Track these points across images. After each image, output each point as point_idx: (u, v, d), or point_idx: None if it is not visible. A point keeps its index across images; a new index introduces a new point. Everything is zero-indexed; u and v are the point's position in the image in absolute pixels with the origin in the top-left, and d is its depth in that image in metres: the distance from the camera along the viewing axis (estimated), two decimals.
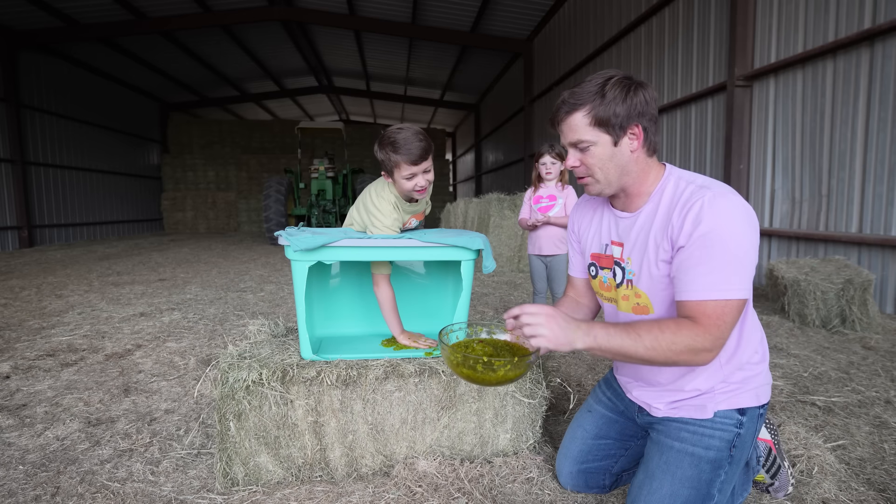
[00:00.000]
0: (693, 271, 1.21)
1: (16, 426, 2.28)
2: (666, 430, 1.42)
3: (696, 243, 1.21)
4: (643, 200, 1.38)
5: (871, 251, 4.37)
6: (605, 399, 1.68)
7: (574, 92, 1.32)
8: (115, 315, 4.42)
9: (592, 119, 1.30)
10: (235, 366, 1.75)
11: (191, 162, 17.69)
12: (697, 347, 1.20)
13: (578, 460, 1.62)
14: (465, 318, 1.83)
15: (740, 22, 5.61)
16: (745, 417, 1.36)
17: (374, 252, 1.75)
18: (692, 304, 1.22)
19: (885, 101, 4.19)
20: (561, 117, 1.35)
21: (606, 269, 1.48)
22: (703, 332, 1.19)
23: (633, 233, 1.38)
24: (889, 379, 2.73)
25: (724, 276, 1.19)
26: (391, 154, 1.74)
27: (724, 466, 1.33)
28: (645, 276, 1.35)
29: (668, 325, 1.22)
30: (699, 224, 1.21)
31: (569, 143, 1.36)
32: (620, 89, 1.28)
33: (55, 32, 11.33)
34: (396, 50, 15.29)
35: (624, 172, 1.35)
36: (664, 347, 1.19)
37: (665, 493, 1.32)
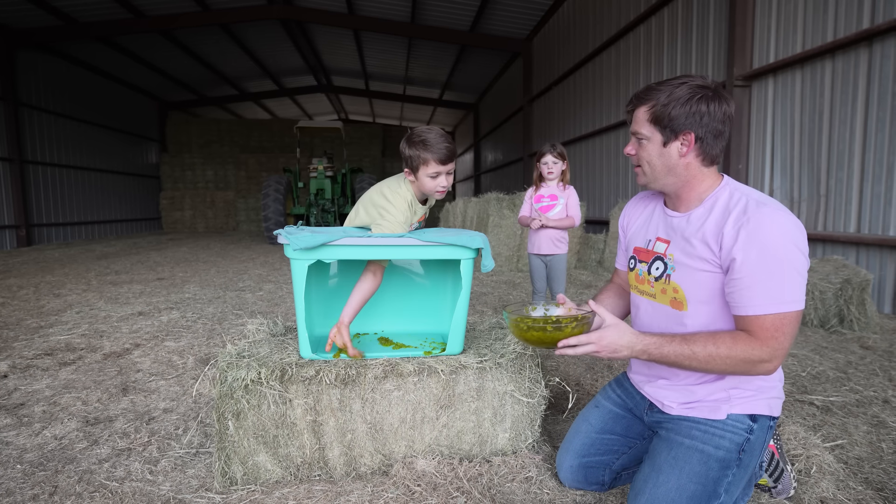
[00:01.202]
0: (751, 287, 1.24)
1: (14, 425, 2.27)
2: (676, 429, 1.43)
3: (753, 259, 1.23)
4: (695, 204, 1.41)
5: (869, 251, 4.38)
6: (615, 396, 1.69)
7: (650, 87, 1.38)
8: (114, 314, 4.42)
9: (651, 115, 1.36)
10: (234, 365, 1.75)
11: (189, 161, 17.66)
12: (754, 359, 1.24)
13: (580, 454, 1.62)
14: (465, 317, 1.82)
15: (739, 22, 5.62)
16: (756, 424, 1.37)
17: (374, 251, 1.75)
18: (751, 319, 1.26)
19: (883, 101, 4.20)
20: (631, 107, 1.43)
21: (644, 263, 1.52)
22: (760, 344, 1.24)
23: (681, 231, 1.41)
24: (887, 378, 2.73)
25: (781, 291, 1.22)
26: (421, 152, 1.79)
27: (732, 468, 1.34)
28: (685, 272, 1.38)
29: (723, 339, 1.26)
30: (754, 239, 1.23)
31: (631, 131, 1.44)
32: (686, 94, 1.31)
33: (54, 31, 11.31)
34: (395, 49, 15.28)
35: (670, 173, 1.39)
36: (719, 361, 1.26)
37: (672, 486, 1.33)
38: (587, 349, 1.29)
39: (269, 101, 21.47)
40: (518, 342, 1.91)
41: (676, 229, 1.42)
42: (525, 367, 1.85)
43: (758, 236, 1.23)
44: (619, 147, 8.57)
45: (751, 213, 1.26)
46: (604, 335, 1.28)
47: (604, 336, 1.28)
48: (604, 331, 1.29)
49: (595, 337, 1.28)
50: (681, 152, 1.35)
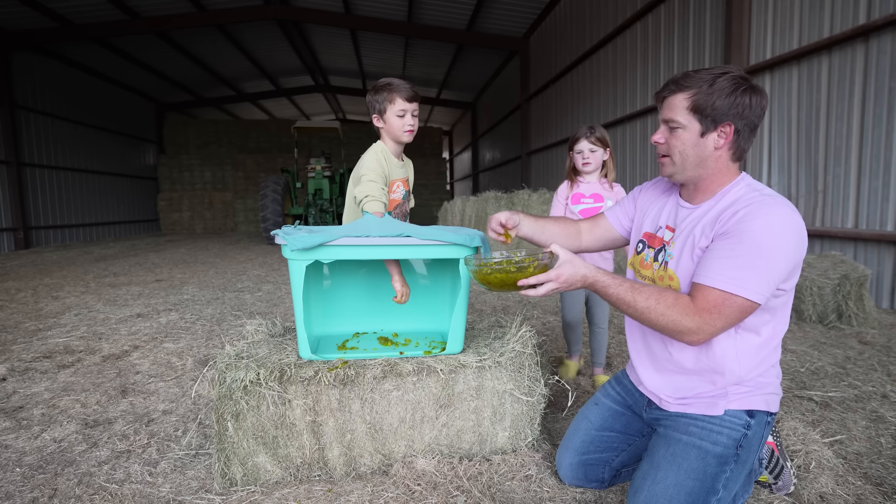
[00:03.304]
0: (715, 259, 1.26)
1: (13, 428, 2.27)
2: (674, 425, 1.44)
3: (731, 237, 1.25)
4: (707, 196, 1.40)
5: (866, 246, 4.39)
6: (614, 393, 1.69)
7: (689, 74, 1.34)
8: (112, 316, 4.41)
9: (692, 104, 1.32)
10: (233, 366, 1.75)
11: (187, 162, 17.61)
12: (683, 326, 1.27)
13: (580, 451, 1.63)
14: (464, 316, 1.82)
15: (736, 18, 5.62)
16: (753, 420, 1.37)
17: (372, 251, 1.74)
18: (699, 287, 1.28)
19: (880, 96, 4.20)
20: (666, 94, 1.37)
21: (652, 249, 1.53)
22: (695, 314, 1.25)
23: (687, 222, 1.42)
24: (885, 374, 2.74)
25: (740, 273, 1.21)
26: (388, 93, 1.92)
27: (729, 463, 1.34)
28: (680, 261, 1.40)
29: (666, 297, 1.29)
30: (743, 221, 1.24)
31: (663, 119, 1.39)
32: (730, 85, 1.29)
33: (49, 33, 11.27)
34: (392, 49, 15.26)
35: (700, 165, 1.37)
36: (653, 315, 1.29)
37: (670, 482, 1.34)
38: (548, 287, 1.30)
39: (266, 101, 21.43)
40: (518, 340, 1.91)
41: (684, 220, 1.43)
42: (524, 366, 1.85)
43: (746, 220, 1.24)
44: (618, 144, 8.56)
45: (753, 201, 1.27)
46: (561, 272, 1.30)
47: (561, 273, 1.30)
48: (560, 267, 1.30)
49: (553, 275, 1.29)
50: (717, 144, 1.33)
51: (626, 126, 8.29)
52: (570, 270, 1.30)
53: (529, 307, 4.52)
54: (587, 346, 3.20)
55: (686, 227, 1.41)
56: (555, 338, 3.56)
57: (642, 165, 7.90)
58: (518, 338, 1.94)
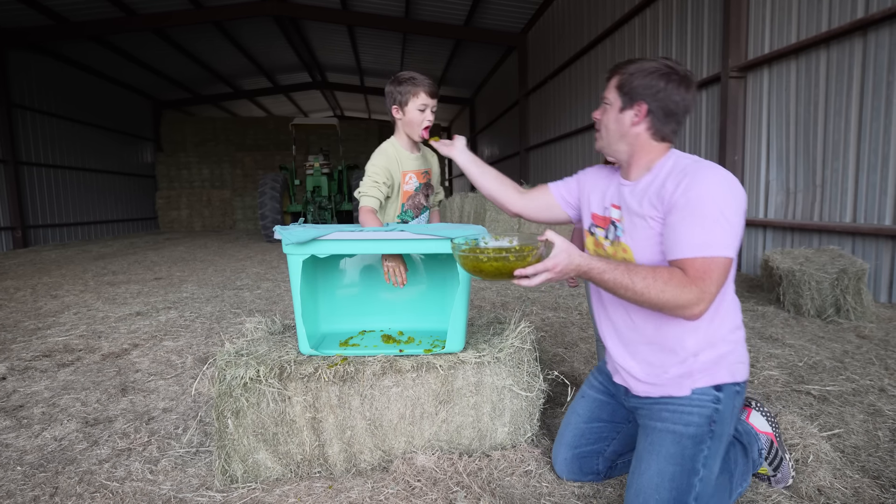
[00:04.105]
0: (681, 233, 1.31)
1: (13, 427, 2.27)
2: (649, 413, 1.47)
3: (684, 207, 1.31)
4: (643, 171, 1.47)
5: (864, 241, 4.40)
6: (597, 383, 1.72)
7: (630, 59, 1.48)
8: (112, 315, 4.41)
9: (618, 82, 1.46)
10: (233, 363, 1.75)
11: (185, 160, 17.57)
12: (683, 300, 1.28)
13: (572, 445, 1.67)
14: (464, 314, 1.81)
15: (734, 13, 5.61)
16: (721, 394, 1.40)
17: (366, 245, 1.75)
18: (681, 262, 1.31)
19: (878, 90, 4.20)
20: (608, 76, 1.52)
21: (602, 229, 1.58)
22: (690, 284, 1.28)
23: (631, 197, 1.47)
24: (883, 367, 2.75)
25: (709, 236, 1.28)
26: (412, 87, 1.95)
27: (705, 441, 1.38)
28: (632, 233, 1.45)
29: (661, 273, 1.30)
30: (689, 190, 1.31)
31: (601, 97, 1.54)
32: (651, 68, 1.40)
33: (46, 31, 11.22)
34: (390, 45, 15.21)
35: (621, 139, 1.47)
36: (654, 292, 1.28)
37: (653, 472, 1.37)
38: (542, 277, 1.28)
39: (263, 98, 21.37)
40: (517, 336, 1.91)
41: (626, 196, 1.49)
42: (523, 362, 1.86)
43: (692, 188, 1.31)
44: None
45: (689, 170, 1.35)
46: (557, 261, 1.28)
47: (557, 263, 1.28)
48: (556, 257, 1.28)
49: (550, 264, 1.27)
50: (633, 121, 1.43)
51: None
52: (566, 260, 1.28)
53: (528, 303, 4.52)
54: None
55: (631, 201, 1.46)
56: (554, 333, 3.57)
57: None
58: (517, 334, 1.94)
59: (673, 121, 1.43)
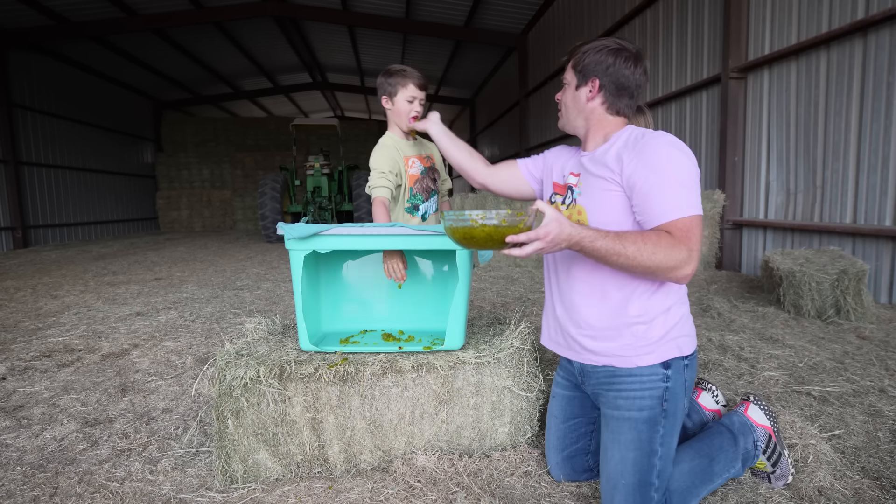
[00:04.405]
0: (656, 198, 1.36)
1: (13, 427, 2.27)
2: (606, 401, 1.52)
3: (651, 174, 1.37)
4: (600, 142, 1.56)
5: (865, 241, 4.39)
6: (561, 380, 1.74)
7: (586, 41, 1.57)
8: (112, 315, 4.41)
9: (573, 62, 1.56)
10: (233, 363, 1.75)
11: (185, 160, 17.59)
12: (675, 260, 1.31)
13: (559, 448, 1.69)
14: (464, 310, 1.81)
15: (734, 14, 5.61)
16: (670, 371, 1.45)
17: (366, 241, 1.75)
18: (665, 226, 1.36)
19: (878, 91, 4.20)
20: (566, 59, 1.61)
21: (559, 195, 1.65)
22: (679, 244, 1.32)
23: (589, 164, 1.54)
24: (883, 368, 2.75)
25: (682, 197, 1.35)
26: (401, 78, 2.05)
27: (659, 422, 1.43)
28: (588, 194, 1.51)
29: (650, 236, 1.33)
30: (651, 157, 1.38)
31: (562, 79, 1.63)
32: (599, 46, 1.51)
33: (46, 31, 11.23)
34: (390, 45, 15.22)
35: (579, 115, 1.58)
36: (646, 255, 1.31)
37: (617, 459, 1.43)
38: (534, 247, 1.24)
39: (264, 98, 21.38)
40: (517, 337, 1.91)
41: (585, 164, 1.56)
42: (524, 362, 1.86)
43: (651, 157, 1.37)
44: None
45: (647, 136, 1.42)
46: (549, 230, 1.24)
47: (549, 231, 1.24)
48: (547, 225, 1.24)
49: (542, 233, 1.24)
50: (588, 96, 1.53)
51: None
52: (557, 229, 1.25)
53: (528, 303, 4.52)
54: None
55: (589, 166, 1.53)
56: None
57: None
58: (517, 334, 1.94)
59: (625, 95, 1.52)
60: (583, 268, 1.53)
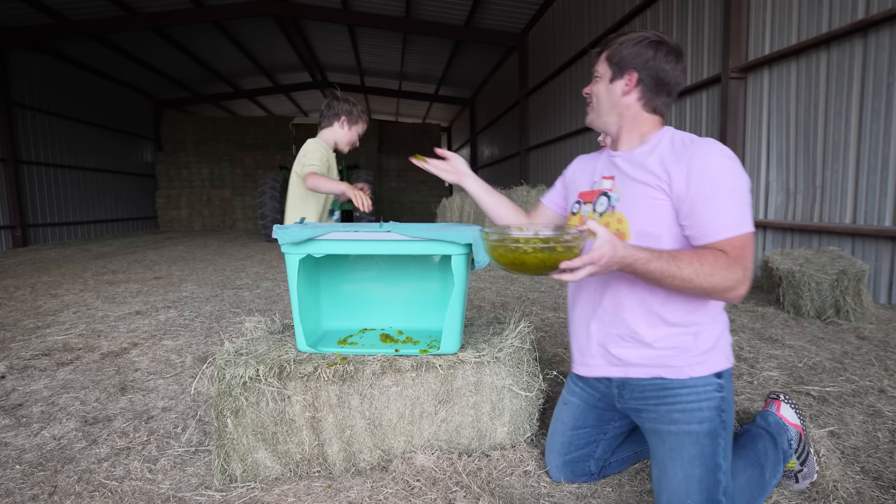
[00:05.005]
0: (710, 214, 1.29)
1: (12, 426, 2.27)
2: (657, 416, 1.43)
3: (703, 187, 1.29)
4: (637, 143, 1.47)
5: (864, 242, 4.40)
6: (578, 389, 1.68)
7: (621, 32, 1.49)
8: (111, 314, 4.41)
9: (607, 54, 1.48)
10: (232, 362, 1.75)
11: (185, 159, 17.56)
12: (731, 281, 1.26)
13: (562, 452, 1.66)
14: (460, 316, 1.80)
15: (734, 14, 5.61)
16: (722, 380, 1.40)
17: (360, 246, 1.75)
18: (719, 244, 1.29)
19: (878, 92, 4.20)
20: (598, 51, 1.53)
21: (588, 203, 1.55)
22: (734, 264, 1.25)
23: (626, 166, 1.44)
24: (882, 368, 2.75)
25: (737, 213, 1.28)
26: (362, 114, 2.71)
27: (720, 434, 1.36)
28: (629, 201, 1.41)
29: (706, 256, 1.26)
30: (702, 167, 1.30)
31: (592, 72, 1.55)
32: (637, 38, 1.42)
33: (46, 29, 11.22)
34: (390, 45, 15.21)
35: (612, 110, 1.49)
36: (702, 278, 1.25)
37: (680, 478, 1.34)
38: (587, 271, 1.18)
39: (264, 98, 21.36)
40: (517, 336, 1.91)
41: (620, 165, 1.47)
42: (523, 362, 1.86)
43: (705, 168, 1.29)
44: None
45: (696, 144, 1.34)
46: (602, 252, 1.18)
47: (603, 254, 1.18)
48: (601, 248, 1.18)
49: (596, 256, 1.18)
50: (623, 90, 1.45)
51: None
52: (611, 251, 1.18)
53: (528, 303, 4.52)
54: None
55: (626, 168, 1.44)
56: (553, 334, 3.56)
57: None
58: (517, 333, 1.94)
59: (664, 92, 1.43)
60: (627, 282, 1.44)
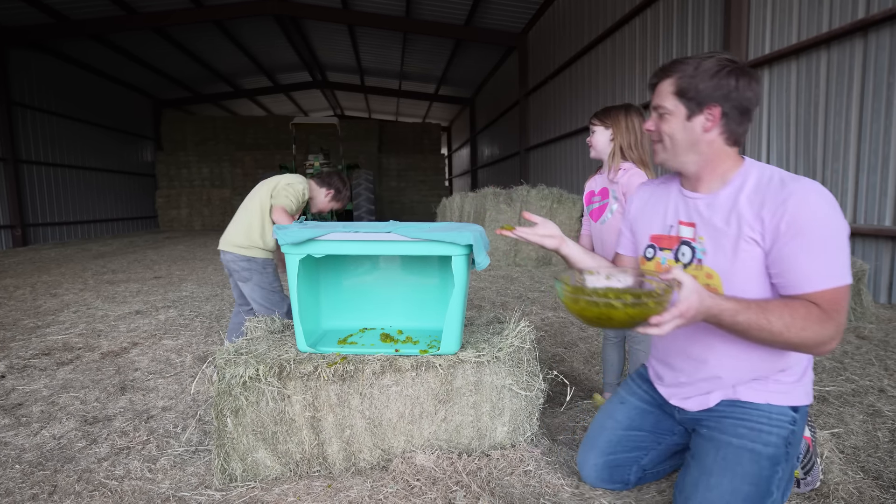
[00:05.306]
0: (805, 263, 1.20)
1: (12, 425, 2.27)
2: (720, 427, 1.38)
3: (800, 234, 1.19)
4: (718, 184, 1.35)
5: (864, 241, 4.39)
6: (640, 391, 1.62)
7: (676, 60, 1.33)
8: (111, 313, 4.41)
9: (676, 88, 1.31)
10: (232, 362, 1.75)
11: (185, 159, 17.56)
12: (823, 337, 1.19)
13: (605, 451, 1.58)
14: (460, 317, 1.80)
15: (734, 13, 5.61)
16: (797, 415, 1.35)
17: (359, 246, 1.74)
18: (811, 296, 1.21)
19: (878, 91, 4.20)
20: (655, 81, 1.37)
21: (667, 251, 1.44)
22: (828, 319, 1.18)
23: (710, 213, 1.34)
24: (882, 368, 2.75)
25: (834, 264, 1.19)
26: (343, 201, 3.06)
27: (781, 463, 1.31)
28: (720, 255, 1.31)
29: (798, 309, 1.19)
30: (799, 212, 1.19)
31: (652, 106, 1.38)
32: (714, 66, 1.27)
33: (46, 29, 11.21)
34: (390, 44, 15.21)
35: (692, 149, 1.34)
36: (793, 332, 1.18)
37: (725, 489, 1.29)
38: (674, 324, 1.13)
39: (264, 97, 21.35)
40: (517, 336, 1.91)
41: (702, 211, 1.35)
42: (523, 361, 1.86)
43: (801, 213, 1.19)
44: None
45: (790, 187, 1.21)
46: (690, 304, 1.13)
47: (690, 306, 1.13)
48: (688, 300, 1.13)
49: (684, 308, 1.12)
50: (705, 127, 1.30)
51: None
52: (698, 303, 1.13)
53: (528, 303, 4.52)
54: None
55: (712, 217, 1.33)
56: (553, 333, 3.56)
57: None
58: (517, 333, 1.94)
59: (746, 120, 1.31)
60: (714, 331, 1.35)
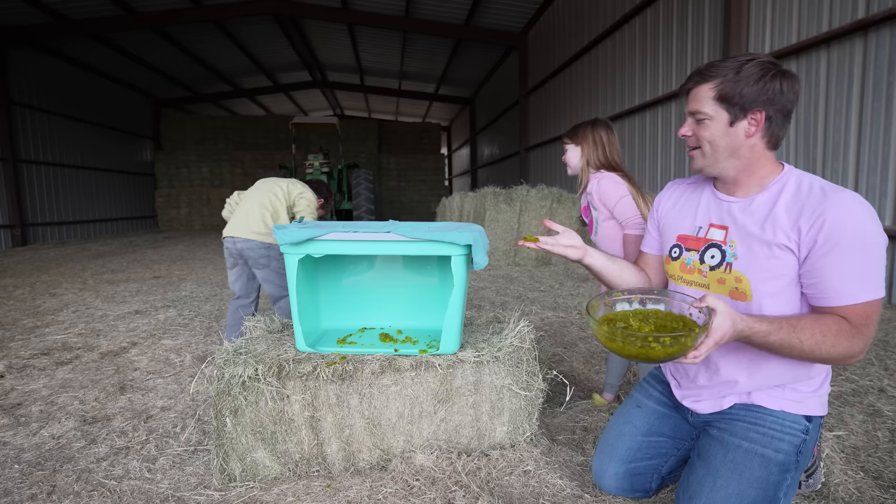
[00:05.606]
0: (838, 276, 1.18)
1: (11, 425, 2.27)
2: (731, 429, 1.37)
3: (838, 245, 1.17)
4: (755, 189, 1.32)
5: None
6: (657, 394, 1.59)
7: (713, 64, 1.29)
8: (110, 313, 4.40)
9: (717, 93, 1.27)
10: (231, 362, 1.75)
11: (184, 158, 17.55)
12: (852, 352, 1.19)
13: (626, 459, 1.53)
14: (459, 317, 1.80)
15: (734, 13, 5.61)
16: (811, 425, 1.35)
17: (359, 246, 1.74)
18: (842, 309, 1.20)
19: (878, 91, 4.20)
20: (691, 86, 1.33)
21: (694, 252, 1.41)
22: (858, 334, 1.18)
23: (744, 217, 1.31)
24: (882, 368, 2.75)
25: (869, 278, 1.17)
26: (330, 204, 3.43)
27: (790, 471, 1.30)
28: (751, 261, 1.29)
29: (828, 326, 1.18)
30: (837, 223, 1.17)
31: (689, 111, 1.34)
32: (758, 71, 1.23)
33: (45, 28, 11.20)
34: (390, 44, 15.20)
35: (732, 155, 1.30)
36: (824, 350, 1.18)
37: (731, 491, 1.28)
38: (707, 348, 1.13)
39: (263, 97, 21.35)
40: (516, 336, 1.91)
41: (736, 215, 1.33)
42: (522, 361, 1.86)
43: (844, 222, 1.16)
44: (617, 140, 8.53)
45: (831, 198, 1.19)
46: (723, 330, 1.12)
47: (724, 333, 1.12)
48: (722, 327, 1.12)
49: (718, 336, 1.12)
50: (748, 132, 1.27)
51: (625, 121, 8.27)
52: (731, 327, 1.13)
53: (528, 303, 4.52)
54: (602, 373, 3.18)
55: (746, 222, 1.30)
56: (553, 333, 3.56)
57: (640, 160, 7.89)
58: (516, 333, 1.94)
59: (788, 120, 1.28)
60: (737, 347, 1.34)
